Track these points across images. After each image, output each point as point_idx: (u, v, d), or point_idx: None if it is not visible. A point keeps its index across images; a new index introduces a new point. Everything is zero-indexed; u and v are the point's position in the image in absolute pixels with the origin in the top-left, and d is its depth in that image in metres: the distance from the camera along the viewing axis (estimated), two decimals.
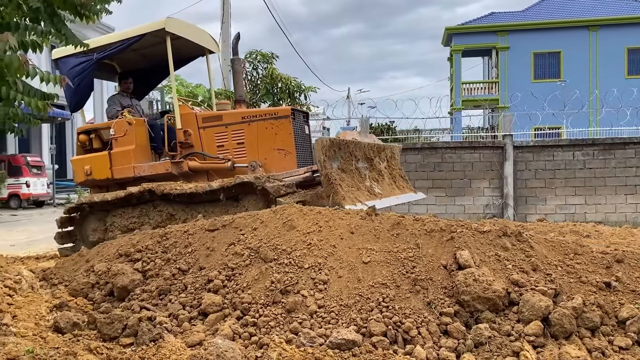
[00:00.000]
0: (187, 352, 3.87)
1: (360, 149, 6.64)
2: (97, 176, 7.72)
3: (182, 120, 7.62)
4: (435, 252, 4.67)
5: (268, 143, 7.31)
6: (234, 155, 7.42)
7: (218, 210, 6.59)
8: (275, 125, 7.30)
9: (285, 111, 7.45)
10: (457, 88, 29.82)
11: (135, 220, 7.03)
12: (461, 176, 12.95)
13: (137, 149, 7.57)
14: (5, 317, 4.22)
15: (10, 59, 2.02)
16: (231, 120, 7.55)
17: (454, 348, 3.97)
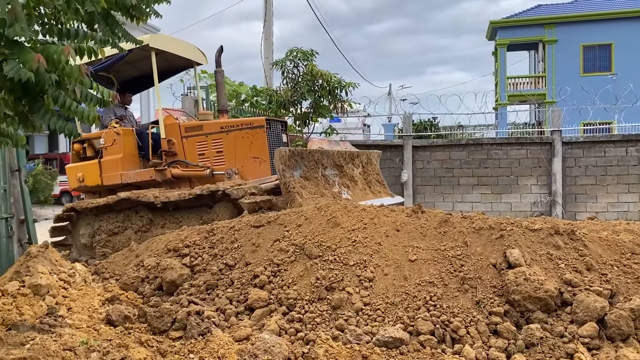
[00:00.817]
0: (235, 347, 3.91)
1: (328, 157, 6.83)
2: (89, 183, 8.21)
3: (166, 130, 8.02)
4: (484, 250, 4.57)
5: (244, 151, 7.68)
6: (213, 163, 7.80)
7: (193, 216, 6.97)
8: (251, 134, 7.68)
9: (259, 121, 7.82)
10: (502, 83, 29.14)
11: (119, 224, 7.42)
12: (507, 173, 12.65)
13: (125, 157, 8.02)
14: (61, 309, 4.37)
15: (72, 69, 2.08)
16: (211, 130, 7.94)
17: (504, 348, 3.88)
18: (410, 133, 13.26)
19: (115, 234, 7.33)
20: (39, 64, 1.95)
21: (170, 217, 7.10)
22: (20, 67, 1.96)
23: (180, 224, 6.91)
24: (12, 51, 2.00)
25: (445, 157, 12.92)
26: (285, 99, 12.63)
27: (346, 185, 7.25)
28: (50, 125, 2.17)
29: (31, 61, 1.94)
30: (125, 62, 8.47)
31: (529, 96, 24.64)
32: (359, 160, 7.47)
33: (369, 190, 7.77)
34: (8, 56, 1.98)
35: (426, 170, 13.01)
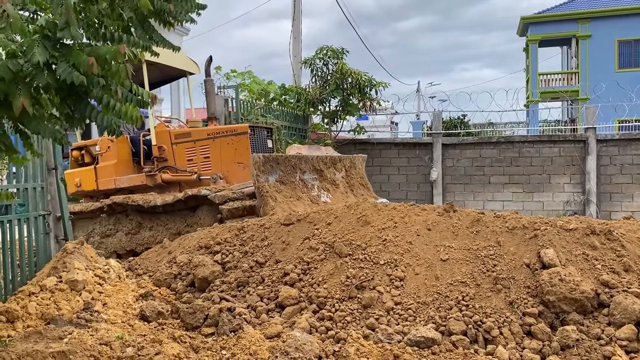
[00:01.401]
0: (266, 344, 3.93)
1: (306, 162, 7.03)
2: (85, 188, 8.68)
3: (157, 137, 8.39)
4: (518, 250, 4.50)
5: (229, 157, 8.08)
6: (201, 168, 8.19)
7: (177, 219, 7.32)
8: (235, 141, 8.09)
9: (243, 128, 8.20)
10: (534, 79, 28.57)
11: (111, 227, 7.80)
12: (540, 171, 12.42)
13: (119, 163, 8.49)
14: (96, 305, 4.47)
15: (118, 69, 2.12)
16: (198, 137, 8.34)
17: (539, 350, 3.81)
18: (439, 131, 13.12)
19: (107, 236, 7.75)
20: (92, 67, 2.00)
21: (157, 220, 7.47)
22: (72, 69, 2.01)
23: (167, 227, 7.32)
24: (62, 53, 2.05)
25: (476, 155, 12.75)
26: (313, 97, 12.64)
27: (326, 188, 7.50)
28: (97, 122, 2.23)
29: (84, 64, 1.99)
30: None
31: (561, 93, 24.12)
32: (342, 164, 7.67)
33: (351, 193, 8.00)
34: (58, 58, 2.03)
35: (456, 168, 12.86)
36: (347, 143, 13.73)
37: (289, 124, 12.65)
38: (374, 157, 13.62)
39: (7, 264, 5.17)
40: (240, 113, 10.77)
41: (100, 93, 2.19)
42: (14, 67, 1.99)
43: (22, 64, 2.03)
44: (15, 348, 3.41)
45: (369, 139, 14.37)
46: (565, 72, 29.98)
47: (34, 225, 5.61)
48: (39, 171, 5.72)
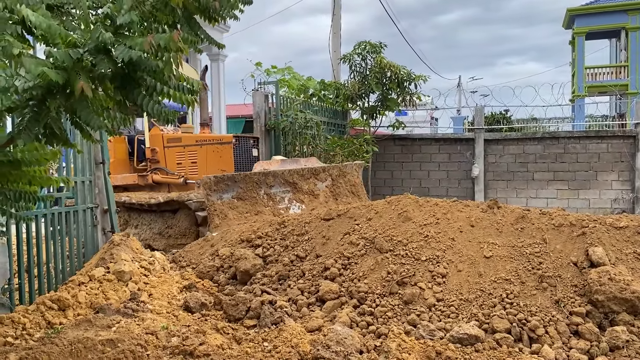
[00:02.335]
0: (307, 337, 3.96)
1: (274, 177, 7.21)
2: None
3: (151, 139, 8.95)
4: (564, 248, 4.38)
5: (214, 164, 8.65)
6: (188, 172, 8.77)
7: (160, 219, 7.77)
8: (220, 149, 8.73)
9: (228, 138, 8.90)
10: (580, 73, 27.69)
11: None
12: (586, 168, 12.04)
13: (115, 162, 8.92)
14: (142, 295, 4.58)
15: (170, 58, 2.18)
16: (188, 143, 8.97)
17: (586, 350, 3.71)
18: (482, 126, 12.88)
19: None
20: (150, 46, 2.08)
21: (142, 218, 7.87)
22: (129, 49, 2.09)
23: (150, 226, 7.70)
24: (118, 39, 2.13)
25: (519, 151, 12.46)
26: (352, 93, 12.59)
27: (300, 200, 7.66)
28: (148, 110, 2.29)
29: (142, 43, 2.08)
30: None
31: (609, 87, 23.30)
32: (327, 174, 7.79)
33: (334, 202, 8.11)
34: (115, 43, 2.12)
35: (498, 164, 12.61)
36: (386, 139, 13.64)
37: (327, 120, 12.65)
38: (414, 153, 13.49)
39: (58, 254, 5.36)
40: (280, 109, 10.83)
41: (152, 82, 2.25)
42: (74, 55, 2.08)
43: (82, 52, 2.12)
44: (66, 335, 3.54)
45: (409, 134, 14.23)
46: (613, 65, 28.95)
47: (82, 218, 5.80)
48: (87, 165, 5.91)
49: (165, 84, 2.28)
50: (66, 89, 2.10)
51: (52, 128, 2.25)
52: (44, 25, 2.09)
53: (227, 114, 18.02)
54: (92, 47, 2.09)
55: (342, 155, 11.40)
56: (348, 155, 11.48)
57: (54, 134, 2.28)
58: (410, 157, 13.48)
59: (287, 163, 8.07)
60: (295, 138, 10.73)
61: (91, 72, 2.13)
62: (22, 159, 2.56)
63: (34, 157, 2.58)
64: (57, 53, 2.11)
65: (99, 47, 2.09)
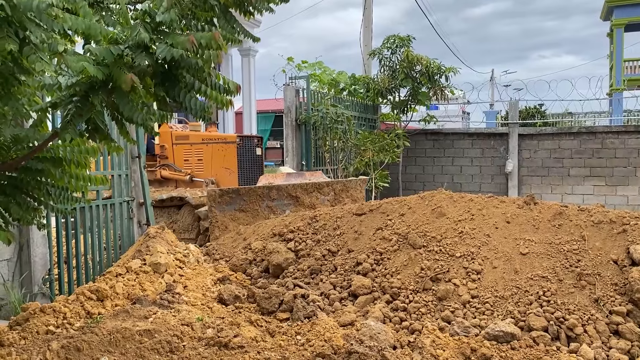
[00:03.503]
0: (340, 331, 3.96)
1: (278, 190, 7.30)
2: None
3: (161, 136, 9.30)
4: (604, 245, 4.27)
5: (219, 162, 8.98)
6: (194, 169, 9.09)
7: (165, 214, 8.02)
8: (224, 148, 9.01)
9: (232, 137, 9.19)
10: (618, 66, 26.90)
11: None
12: (624, 164, 11.70)
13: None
14: (177, 287, 4.66)
15: (210, 55, 2.21)
16: (195, 141, 9.26)
17: (627, 350, 3.62)
18: (516, 120, 12.64)
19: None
20: (192, 45, 2.11)
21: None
22: (170, 48, 2.12)
23: (157, 221, 7.60)
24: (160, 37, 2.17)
25: (555, 146, 12.19)
26: (382, 87, 12.51)
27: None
28: (191, 105, 2.32)
29: (184, 42, 2.11)
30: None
31: None
32: (330, 188, 7.89)
33: None
34: (157, 41, 2.15)
35: (533, 160, 12.36)
36: (418, 133, 13.52)
37: (358, 114, 12.59)
38: (446, 148, 13.33)
39: (95, 246, 5.49)
40: (311, 103, 10.83)
41: (191, 80, 2.28)
42: (115, 51, 2.12)
43: (123, 49, 2.15)
44: (105, 325, 3.62)
45: (440, 129, 14.07)
46: None
47: (118, 211, 5.92)
48: (124, 159, 6.03)
49: (204, 81, 2.30)
50: (107, 84, 2.14)
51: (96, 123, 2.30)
52: (83, 26, 2.13)
53: (257, 108, 18.13)
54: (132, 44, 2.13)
55: (372, 150, 11.34)
56: (379, 151, 11.42)
57: (97, 129, 2.33)
58: (443, 152, 13.33)
59: (292, 177, 8.22)
60: (326, 133, 10.71)
61: (132, 68, 2.16)
62: (63, 156, 2.62)
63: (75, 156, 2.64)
64: (97, 49, 2.15)
65: (139, 44, 2.13)
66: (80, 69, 2.02)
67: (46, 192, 2.83)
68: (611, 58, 29.20)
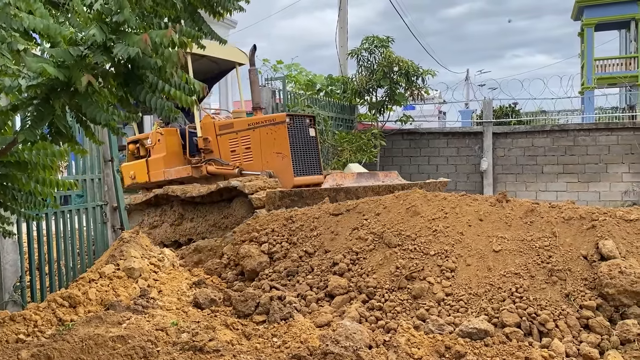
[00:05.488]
0: (316, 332, 3.97)
1: (346, 193, 6.76)
2: (139, 180, 8.81)
3: (203, 128, 8.42)
4: (574, 241, 4.35)
5: (269, 147, 7.98)
6: (242, 159, 8.13)
7: (215, 210, 7.32)
8: (274, 130, 7.95)
9: (281, 117, 8.06)
10: (589, 65, 27.42)
11: (157, 218, 7.88)
12: (596, 160, 11.95)
13: (168, 155, 8.49)
14: (152, 292, 4.61)
15: (170, 54, 2.18)
16: (240, 128, 8.27)
17: (597, 344, 3.69)
18: (490, 119, 12.81)
19: (154, 227, 7.86)
20: (146, 44, 2.07)
21: (197, 211, 7.52)
22: (127, 47, 2.09)
23: (205, 218, 7.33)
24: (118, 36, 2.13)
25: (528, 144, 12.38)
26: (359, 87, 12.57)
27: None
28: (152, 105, 2.29)
29: (139, 42, 2.07)
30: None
31: (619, 78, 23.07)
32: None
33: None
34: (115, 41, 2.12)
35: (507, 158, 12.54)
36: (394, 133, 13.61)
37: (335, 115, 12.63)
38: (422, 147, 13.45)
39: (68, 252, 5.40)
40: (287, 104, 10.82)
41: (155, 79, 2.25)
42: (74, 53, 2.08)
43: (83, 50, 2.12)
44: (77, 332, 3.57)
45: (417, 128, 14.19)
46: (623, 56, 28.65)
47: (92, 215, 5.84)
48: (97, 163, 5.94)
49: (167, 81, 2.28)
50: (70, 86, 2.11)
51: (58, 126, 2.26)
52: (40, 26, 2.09)
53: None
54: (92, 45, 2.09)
55: (350, 150, 11.39)
56: (356, 151, 11.47)
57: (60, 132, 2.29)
58: (419, 152, 13.45)
59: (364, 177, 7.55)
60: None
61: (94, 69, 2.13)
62: (28, 160, 2.57)
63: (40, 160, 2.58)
64: (55, 51, 2.11)
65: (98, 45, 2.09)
66: (39, 69, 1.99)
67: (12, 198, 2.77)
68: (582, 57, 29.76)
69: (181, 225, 7.60)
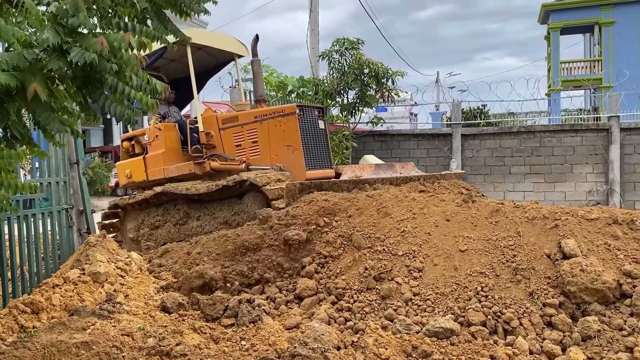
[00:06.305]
0: (285, 334, 3.97)
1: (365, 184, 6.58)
2: (136, 179, 8.29)
3: (204, 122, 7.95)
4: (538, 240, 4.45)
5: (278, 140, 7.54)
6: (249, 153, 7.68)
7: (225, 207, 6.95)
8: (283, 122, 7.51)
9: (291, 108, 7.62)
10: (555, 68, 28.11)
11: (159, 218, 7.47)
12: (561, 161, 12.22)
13: (167, 152, 7.99)
14: (118, 296, 4.54)
15: (129, 57, 2.15)
16: (246, 120, 7.81)
17: (559, 341, 3.78)
18: (459, 121, 12.99)
19: (156, 228, 7.47)
20: (103, 47, 2.03)
21: (204, 209, 7.16)
22: (84, 51, 2.04)
23: (214, 216, 6.96)
24: (75, 39, 2.09)
25: (496, 145, 12.60)
26: (331, 89, 12.60)
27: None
28: (110, 111, 2.25)
29: (95, 45, 2.03)
30: (171, 60, 8.57)
31: (584, 81, 23.67)
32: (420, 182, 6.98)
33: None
34: (72, 44, 2.07)
35: (476, 159, 12.73)
36: (365, 135, 13.68)
37: None
38: (393, 149, 13.55)
39: (32, 257, 5.28)
40: None
41: (114, 81, 2.22)
42: (29, 56, 2.03)
43: (38, 53, 2.07)
44: (39, 338, 3.49)
45: (388, 130, 14.29)
46: (587, 59, 29.44)
47: (57, 219, 5.72)
48: (62, 165, 5.83)
49: (127, 84, 2.25)
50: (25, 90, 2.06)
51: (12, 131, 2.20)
52: None
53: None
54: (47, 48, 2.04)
55: None
56: None
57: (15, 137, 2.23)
58: (390, 153, 13.54)
59: (382, 169, 7.34)
60: None
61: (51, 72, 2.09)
62: None
63: None
64: (8, 55, 2.05)
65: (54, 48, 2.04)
66: None
67: None
68: (549, 60, 30.45)
69: (186, 224, 7.21)
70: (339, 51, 12.48)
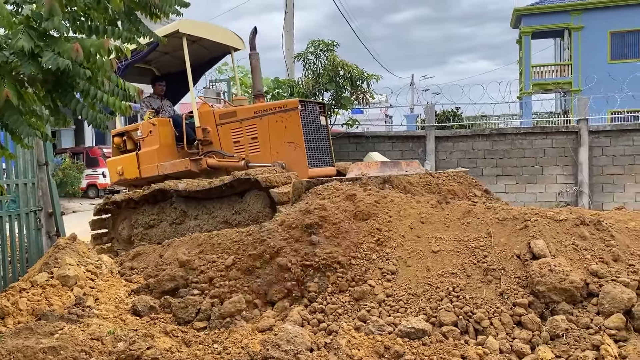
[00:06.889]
0: (258, 337, 3.95)
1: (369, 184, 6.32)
2: (128, 176, 8.01)
3: (201, 118, 7.74)
4: (508, 241, 4.52)
5: (279, 136, 7.35)
6: (248, 150, 7.49)
7: (224, 206, 6.73)
8: (285, 118, 7.34)
9: (293, 103, 7.45)
10: (527, 71, 28.63)
11: (154, 217, 7.18)
12: (532, 163, 12.44)
13: (161, 148, 7.75)
14: (88, 300, 4.46)
15: (103, 62, 2.12)
16: (245, 116, 7.62)
17: (529, 340, 3.84)
18: (432, 123, 13.12)
19: (151, 227, 7.17)
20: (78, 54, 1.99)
21: (202, 208, 6.94)
22: (57, 56, 1.99)
23: (213, 215, 6.73)
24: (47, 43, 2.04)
25: (469, 147, 12.76)
26: (306, 91, 12.61)
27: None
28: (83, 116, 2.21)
29: (70, 51, 1.99)
30: (164, 53, 8.31)
31: (554, 85, 24.17)
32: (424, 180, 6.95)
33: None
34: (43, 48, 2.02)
35: (449, 161, 12.87)
36: (341, 136, 13.72)
37: None
38: (368, 151, 13.60)
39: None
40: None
41: (86, 85, 2.18)
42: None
43: (8, 55, 2.02)
44: (5, 344, 3.41)
45: (363, 132, 14.36)
46: (558, 63, 30.04)
47: (25, 222, 5.60)
48: (30, 167, 5.70)
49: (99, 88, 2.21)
50: None
51: None
52: None
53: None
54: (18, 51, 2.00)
55: None
56: None
57: None
58: (365, 155, 13.60)
59: (387, 167, 7.18)
60: None
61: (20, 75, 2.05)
62: None
63: None
64: None
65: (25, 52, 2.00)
66: None
67: None
68: (520, 64, 31.00)
69: (183, 223, 6.92)
70: (314, 53, 12.51)
